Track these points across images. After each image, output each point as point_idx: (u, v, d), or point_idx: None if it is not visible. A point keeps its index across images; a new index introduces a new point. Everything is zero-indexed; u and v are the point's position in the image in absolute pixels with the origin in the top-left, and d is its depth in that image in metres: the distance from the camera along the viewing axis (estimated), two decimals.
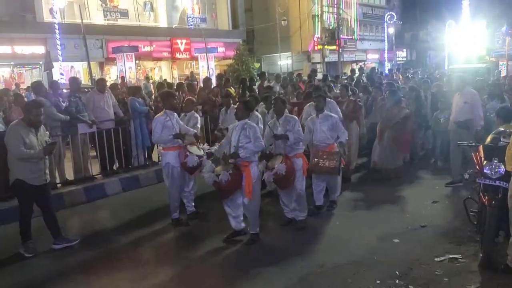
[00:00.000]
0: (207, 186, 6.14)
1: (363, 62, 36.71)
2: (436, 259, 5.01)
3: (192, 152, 6.48)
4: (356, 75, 18.02)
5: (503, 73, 20.89)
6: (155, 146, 9.52)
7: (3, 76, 20.02)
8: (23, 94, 14.64)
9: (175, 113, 6.63)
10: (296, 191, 6.17)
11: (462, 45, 31.37)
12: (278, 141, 6.08)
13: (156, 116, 6.62)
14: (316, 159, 6.60)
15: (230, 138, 5.83)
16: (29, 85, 15.07)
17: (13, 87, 18.14)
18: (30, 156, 5.45)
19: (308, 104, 7.78)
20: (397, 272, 4.75)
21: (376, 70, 22.70)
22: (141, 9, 25.55)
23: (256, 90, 11.52)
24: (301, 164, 6.18)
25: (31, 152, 5.44)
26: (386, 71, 23.34)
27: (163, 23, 26.29)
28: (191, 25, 26.88)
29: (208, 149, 6.71)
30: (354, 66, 32.39)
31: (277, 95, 8.09)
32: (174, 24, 26.78)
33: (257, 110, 7.55)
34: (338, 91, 10.51)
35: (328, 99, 7.75)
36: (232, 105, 8.17)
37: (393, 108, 8.73)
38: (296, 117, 6.45)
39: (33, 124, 5.58)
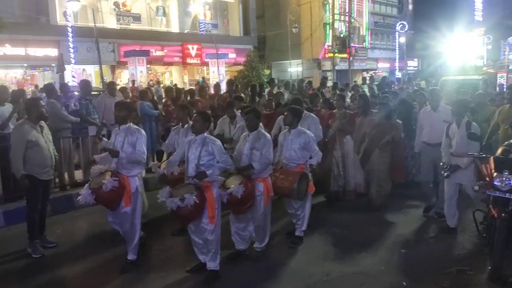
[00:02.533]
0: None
1: (373, 71, 36.61)
2: (443, 270, 4.96)
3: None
4: (367, 83, 17.97)
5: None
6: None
7: (15, 77, 20.23)
8: (36, 95, 14.79)
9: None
10: (255, 219, 5.42)
11: (457, 54, 29.95)
12: (244, 160, 5.33)
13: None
14: (274, 178, 5.64)
15: (187, 154, 5.04)
16: (42, 86, 15.23)
17: (31, 88, 18.37)
18: (15, 160, 5.66)
19: (281, 116, 7.08)
20: (404, 283, 4.72)
21: (387, 79, 22.62)
22: (154, 14, 25.78)
23: (266, 97, 11.53)
24: (262, 189, 5.32)
25: (17, 156, 5.62)
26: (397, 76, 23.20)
27: (175, 28, 26.48)
28: (202, 30, 27.04)
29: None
30: (365, 74, 32.34)
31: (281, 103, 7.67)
32: (186, 29, 26.97)
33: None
34: (348, 99, 10.44)
35: (309, 113, 7.09)
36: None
37: (383, 123, 7.33)
38: (268, 137, 5.46)
39: (38, 120, 5.75)
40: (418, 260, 5.29)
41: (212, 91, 14.17)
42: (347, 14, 34.04)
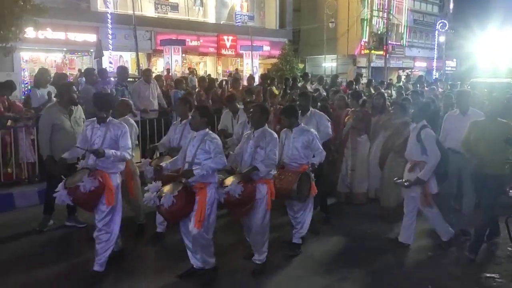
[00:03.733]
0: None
1: (410, 70, 35.90)
2: (472, 276, 4.86)
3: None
4: (402, 82, 17.66)
5: None
6: None
7: (55, 61, 20.78)
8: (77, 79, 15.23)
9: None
10: (254, 225, 4.93)
11: (489, 55, 28.14)
12: (246, 159, 4.94)
13: None
14: (273, 178, 5.14)
15: (185, 151, 4.71)
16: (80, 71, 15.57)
17: (69, 72, 18.83)
18: (41, 142, 5.86)
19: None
20: (430, 287, 4.65)
21: (423, 79, 22.15)
22: (191, 4, 25.96)
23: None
24: (265, 192, 4.85)
25: (42, 138, 5.79)
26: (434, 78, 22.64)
27: (211, 18, 26.61)
28: (238, 22, 27.09)
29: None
30: (401, 73, 31.77)
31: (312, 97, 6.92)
32: (222, 20, 27.06)
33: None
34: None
35: (317, 111, 6.59)
36: (239, 109, 7.14)
37: (398, 123, 6.75)
38: (274, 135, 5.01)
39: (69, 104, 5.84)
40: (446, 264, 5.19)
41: (245, 83, 14.19)
42: (385, 10, 33.45)
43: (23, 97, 12.42)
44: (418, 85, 14.96)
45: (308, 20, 32.68)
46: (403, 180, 5.57)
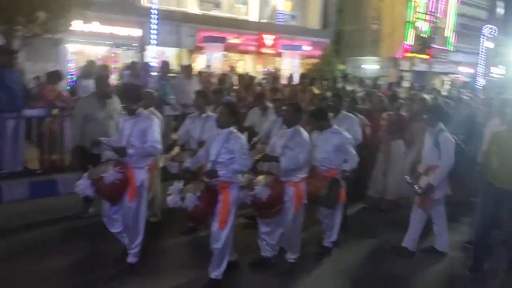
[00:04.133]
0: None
1: (454, 75, 34.87)
2: None
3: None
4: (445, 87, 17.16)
5: None
6: None
7: (100, 54, 21.30)
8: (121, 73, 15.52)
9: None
10: (283, 227, 4.91)
11: None
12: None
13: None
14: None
15: (209, 149, 4.61)
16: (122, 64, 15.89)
17: (113, 65, 19.26)
18: (71, 130, 6.28)
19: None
20: None
21: (469, 85, 21.45)
22: (234, 1, 26.07)
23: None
24: (292, 195, 4.77)
25: (74, 126, 6.14)
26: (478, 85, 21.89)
27: (253, 17, 26.64)
28: (280, 21, 27.01)
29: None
30: (445, 78, 30.89)
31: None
32: (264, 18, 27.05)
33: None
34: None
35: (349, 114, 6.45)
36: (267, 106, 7.02)
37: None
38: (305, 136, 4.85)
39: (103, 97, 5.94)
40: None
41: (284, 82, 14.14)
42: (431, 13, 32.58)
43: (68, 87, 12.79)
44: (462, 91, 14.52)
45: (350, 21, 32.22)
46: (416, 186, 5.43)
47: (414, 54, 31.81)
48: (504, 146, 4.89)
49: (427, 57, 31.22)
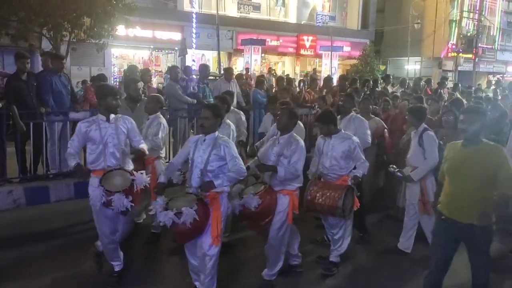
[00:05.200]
0: None
1: (501, 75, 33.59)
2: None
3: (103, 183, 4.24)
4: (492, 87, 16.55)
5: None
6: None
7: (142, 58, 21.84)
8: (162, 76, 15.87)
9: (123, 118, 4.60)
10: (269, 237, 4.50)
11: None
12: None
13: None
14: (313, 193, 4.75)
15: (192, 156, 4.14)
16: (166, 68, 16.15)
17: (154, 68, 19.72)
18: None
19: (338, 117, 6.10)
20: None
21: None
22: (273, 4, 26.14)
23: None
24: (287, 204, 4.45)
25: None
26: None
27: (292, 18, 26.63)
28: (319, 22, 26.87)
29: (147, 182, 4.50)
30: (491, 78, 29.81)
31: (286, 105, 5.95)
32: (303, 20, 26.98)
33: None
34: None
35: (358, 116, 6.08)
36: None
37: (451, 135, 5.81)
38: (301, 143, 4.53)
39: (131, 101, 5.96)
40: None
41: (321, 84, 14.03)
42: (477, 11, 31.55)
43: None
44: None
45: (392, 21, 31.66)
46: (397, 169, 5.41)
47: (459, 54, 30.89)
48: (458, 163, 3.77)
49: (472, 56, 30.21)
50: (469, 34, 31.68)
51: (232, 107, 6.39)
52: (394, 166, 5.52)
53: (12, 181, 7.01)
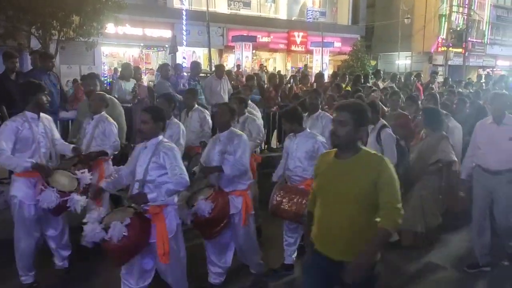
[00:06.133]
0: None
1: (491, 69, 33.83)
2: None
3: (52, 184, 4.04)
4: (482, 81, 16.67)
5: None
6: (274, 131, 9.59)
7: (132, 56, 21.73)
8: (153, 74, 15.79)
9: (46, 117, 4.42)
10: (240, 245, 4.33)
11: None
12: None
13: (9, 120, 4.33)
14: (279, 198, 4.45)
15: (134, 165, 3.79)
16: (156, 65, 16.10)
17: (145, 66, 19.64)
18: None
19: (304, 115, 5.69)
20: None
21: (506, 79, 20.74)
22: (264, 0, 26.11)
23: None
24: (240, 206, 4.23)
25: None
26: None
27: (282, 15, 26.61)
28: (310, 18, 26.87)
29: (90, 178, 4.35)
30: (481, 72, 30.04)
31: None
32: (293, 16, 26.97)
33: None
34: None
35: (326, 113, 5.77)
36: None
37: (432, 140, 5.56)
38: (244, 137, 4.32)
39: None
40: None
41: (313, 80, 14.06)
42: (466, 6, 31.73)
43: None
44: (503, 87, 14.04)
45: (382, 16, 31.75)
46: None
47: (449, 48, 31.04)
48: (329, 180, 2.88)
49: (462, 50, 30.38)
50: (458, 29, 31.86)
51: (196, 105, 6.22)
52: None
53: (3, 182, 6.94)
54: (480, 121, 5.14)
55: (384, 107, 7.26)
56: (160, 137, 3.76)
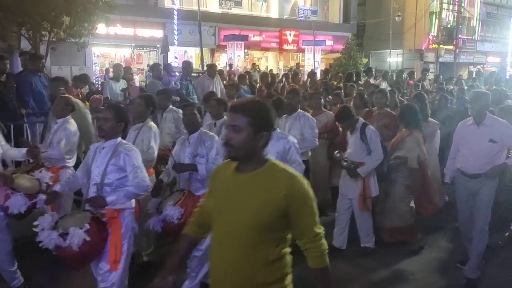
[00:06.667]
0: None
1: (481, 65, 34.05)
2: None
3: (18, 187, 3.98)
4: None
5: None
6: None
7: (124, 56, 21.64)
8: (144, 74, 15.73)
9: None
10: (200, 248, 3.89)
11: None
12: (184, 173, 4.06)
13: None
14: None
15: (89, 168, 3.60)
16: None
17: (137, 66, 19.54)
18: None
19: (283, 115, 5.65)
20: None
21: (496, 75, 20.89)
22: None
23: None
24: None
25: None
26: (507, 76, 21.31)
27: (274, 13, 26.60)
28: (301, 17, 26.89)
29: (50, 177, 4.23)
30: (472, 68, 30.27)
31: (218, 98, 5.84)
32: (285, 15, 26.97)
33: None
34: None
35: (305, 113, 5.61)
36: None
37: (400, 136, 5.60)
38: (216, 138, 4.15)
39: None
40: None
41: (305, 78, 14.08)
42: (456, 3, 31.90)
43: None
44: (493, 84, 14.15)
45: (373, 14, 31.85)
46: (344, 160, 5.02)
47: (440, 45, 31.21)
48: (225, 200, 2.24)
49: (453, 47, 30.55)
50: (449, 26, 32.03)
51: (170, 106, 6.05)
52: (340, 151, 5.16)
53: None
54: (461, 122, 4.93)
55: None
56: (119, 139, 3.57)
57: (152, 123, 4.96)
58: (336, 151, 5.18)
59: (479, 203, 4.59)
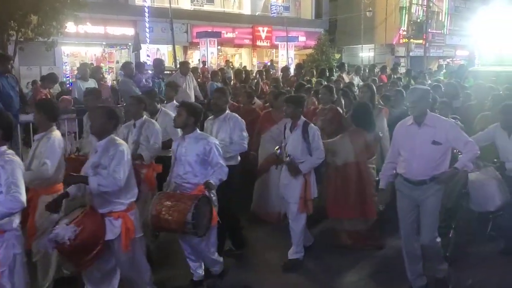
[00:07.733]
0: None
1: (451, 59, 34.78)
2: None
3: None
4: (443, 72, 17.11)
5: None
6: None
7: (95, 55, 21.29)
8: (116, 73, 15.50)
9: None
10: (121, 270, 3.86)
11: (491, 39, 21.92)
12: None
13: None
14: (158, 207, 3.81)
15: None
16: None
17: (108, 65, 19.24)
18: None
19: (210, 117, 5.24)
20: None
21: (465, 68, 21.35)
22: None
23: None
24: (119, 231, 3.53)
25: None
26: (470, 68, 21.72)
27: (246, 10, 26.59)
28: (274, 13, 26.96)
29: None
30: (441, 62, 30.85)
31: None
32: (258, 11, 26.99)
33: None
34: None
35: (235, 115, 5.15)
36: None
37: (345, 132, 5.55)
38: (121, 147, 3.62)
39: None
40: None
41: (279, 74, 14.14)
42: None
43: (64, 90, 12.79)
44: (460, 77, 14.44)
45: (345, 10, 32.14)
46: (286, 156, 4.81)
47: (410, 40, 31.72)
48: None
49: (423, 42, 31.11)
50: (419, 20, 32.59)
51: (162, 108, 5.78)
52: (281, 147, 4.91)
53: None
54: (400, 122, 4.44)
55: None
56: (4, 147, 3.20)
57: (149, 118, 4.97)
58: (277, 147, 4.93)
59: (425, 213, 4.14)
